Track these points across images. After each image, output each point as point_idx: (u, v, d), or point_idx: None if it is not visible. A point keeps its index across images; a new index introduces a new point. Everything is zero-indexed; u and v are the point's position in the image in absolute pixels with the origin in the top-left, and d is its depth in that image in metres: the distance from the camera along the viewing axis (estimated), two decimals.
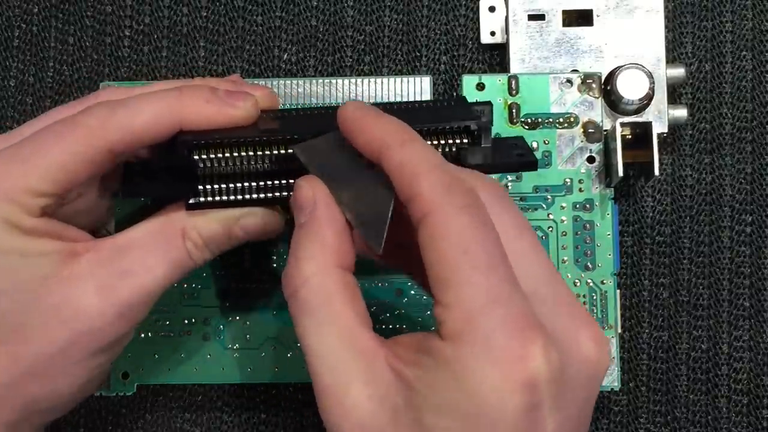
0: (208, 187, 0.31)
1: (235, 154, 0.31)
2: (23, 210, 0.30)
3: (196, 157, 0.31)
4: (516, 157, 0.33)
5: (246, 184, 0.32)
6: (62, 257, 0.30)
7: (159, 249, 0.31)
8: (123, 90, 0.33)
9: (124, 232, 0.31)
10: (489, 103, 0.32)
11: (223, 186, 0.31)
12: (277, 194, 0.32)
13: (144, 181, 0.33)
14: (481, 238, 0.26)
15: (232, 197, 0.32)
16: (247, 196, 0.32)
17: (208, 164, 0.31)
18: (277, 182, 0.32)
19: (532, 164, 0.33)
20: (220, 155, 0.31)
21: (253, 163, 0.32)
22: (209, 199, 0.31)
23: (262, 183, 0.32)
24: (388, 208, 0.28)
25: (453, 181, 0.27)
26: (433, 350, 0.26)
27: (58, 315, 0.29)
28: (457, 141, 0.32)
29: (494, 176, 0.36)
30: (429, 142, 0.32)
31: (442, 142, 0.32)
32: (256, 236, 0.32)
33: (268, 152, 0.31)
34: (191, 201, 0.31)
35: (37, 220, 0.30)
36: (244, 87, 0.33)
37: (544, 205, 0.37)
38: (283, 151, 0.31)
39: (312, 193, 0.29)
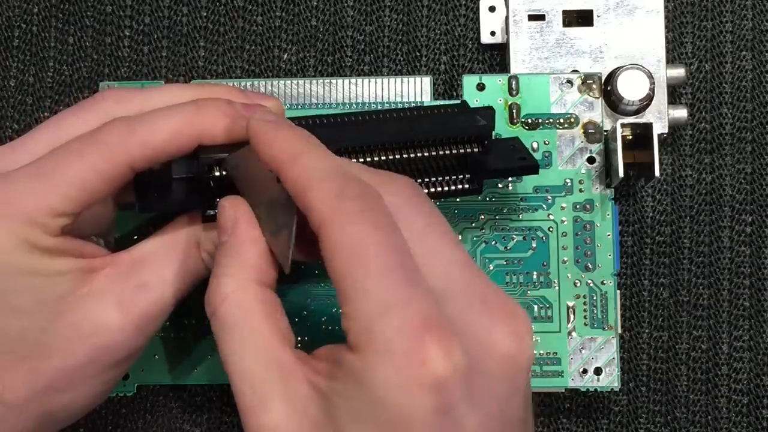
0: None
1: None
2: (44, 230, 0.30)
3: (217, 173, 0.31)
4: (518, 161, 0.33)
5: None
6: (81, 274, 0.30)
7: (175, 261, 0.31)
8: (125, 90, 0.33)
9: (139, 246, 0.31)
10: (491, 108, 0.32)
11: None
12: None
13: (160, 195, 0.32)
14: (374, 242, 0.26)
15: None
16: None
17: (220, 174, 0.31)
18: None
19: (534, 168, 0.33)
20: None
21: None
22: None
23: None
24: (291, 225, 0.28)
25: (344, 187, 0.26)
26: (343, 361, 0.26)
27: (79, 331, 0.30)
28: (468, 150, 0.32)
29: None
30: (433, 152, 0.32)
31: (447, 152, 0.32)
32: None
33: None
34: (208, 215, 0.31)
35: (57, 239, 0.30)
36: (253, 97, 0.33)
37: (544, 206, 0.37)
38: None
39: (233, 213, 0.29)
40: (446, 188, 0.33)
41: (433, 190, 0.33)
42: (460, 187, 0.33)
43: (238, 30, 0.43)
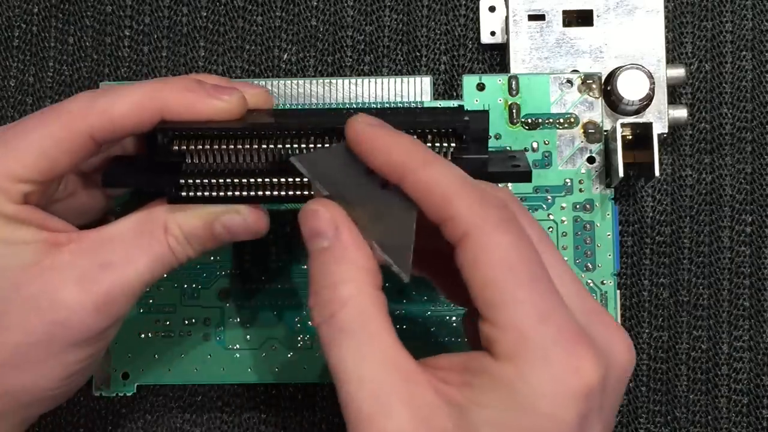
0: (191, 181, 0.31)
1: (220, 147, 0.30)
2: (4, 196, 0.29)
3: (176, 148, 0.30)
4: (510, 168, 0.32)
5: (231, 180, 0.31)
6: (44, 246, 0.30)
7: (141, 242, 0.30)
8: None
9: (108, 225, 0.31)
10: (485, 112, 0.31)
11: (206, 181, 0.31)
12: (267, 193, 0.31)
13: (126, 172, 0.32)
14: (522, 252, 0.26)
15: (215, 193, 0.31)
16: (232, 193, 0.31)
17: (192, 157, 0.31)
18: (267, 180, 0.31)
19: (526, 175, 0.32)
20: (201, 147, 0.30)
21: (241, 158, 0.31)
22: (191, 194, 0.31)
23: (250, 180, 0.31)
24: (411, 233, 0.28)
25: (485, 198, 0.27)
26: (485, 371, 0.26)
27: (37, 305, 0.29)
28: (445, 145, 0.31)
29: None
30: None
31: (429, 146, 0.31)
32: (240, 235, 0.32)
33: (256, 147, 0.31)
34: (172, 195, 0.31)
35: (20, 207, 0.30)
36: (237, 85, 0.33)
37: (544, 206, 0.37)
38: (271, 146, 0.31)
39: (331, 216, 0.28)
40: None
41: None
42: None
43: (238, 30, 0.43)
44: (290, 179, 0.31)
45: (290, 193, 0.31)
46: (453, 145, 0.31)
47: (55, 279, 0.29)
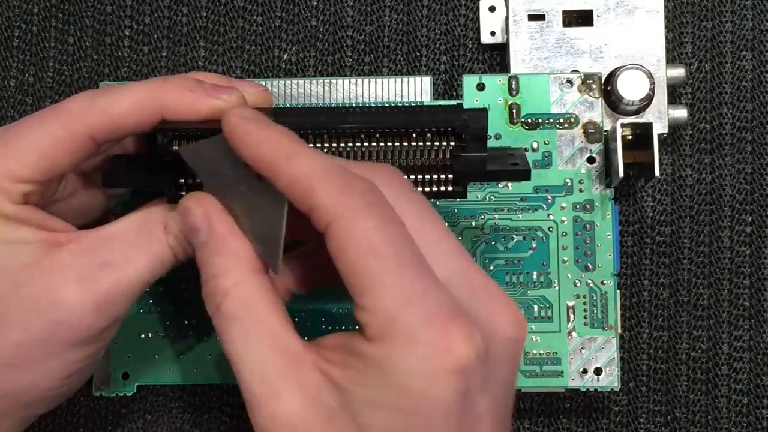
0: (191, 180, 0.31)
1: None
2: (4, 195, 0.30)
3: (176, 147, 0.30)
4: (509, 166, 0.32)
5: None
6: (44, 246, 0.30)
7: (141, 242, 0.30)
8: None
9: (108, 225, 0.31)
10: (484, 110, 0.31)
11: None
12: None
13: (125, 171, 0.32)
14: (387, 236, 0.26)
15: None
16: None
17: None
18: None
19: (525, 174, 0.32)
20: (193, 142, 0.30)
21: None
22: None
23: None
24: (281, 226, 0.28)
25: (348, 183, 0.27)
26: (359, 352, 0.26)
27: (36, 305, 0.29)
28: (444, 144, 0.31)
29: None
30: (414, 144, 0.31)
31: (428, 144, 0.31)
32: None
33: None
34: (172, 194, 0.31)
35: (19, 207, 0.30)
36: (237, 84, 0.33)
37: (544, 206, 0.37)
38: None
39: (203, 211, 0.29)
40: (425, 188, 0.32)
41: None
42: (442, 188, 0.32)
43: (238, 30, 0.43)
44: None
45: None
46: (452, 143, 0.31)
47: (54, 279, 0.29)
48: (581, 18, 0.41)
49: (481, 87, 0.38)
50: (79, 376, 0.31)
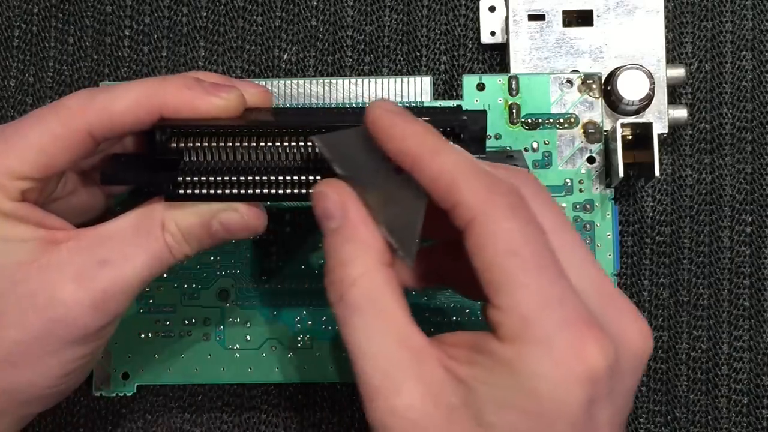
0: (189, 179, 0.31)
1: (218, 144, 0.30)
2: (2, 193, 0.30)
3: (174, 145, 0.30)
4: (504, 160, 0.32)
5: (229, 178, 0.31)
6: (42, 244, 0.30)
7: (138, 240, 0.30)
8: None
9: (106, 223, 0.31)
10: (483, 111, 0.31)
11: (204, 179, 0.31)
12: (265, 191, 0.31)
13: (124, 169, 0.32)
14: (529, 238, 0.26)
15: (213, 191, 0.31)
16: (230, 191, 0.31)
17: (190, 155, 0.31)
18: (265, 178, 0.31)
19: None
20: (199, 145, 0.30)
21: (239, 157, 0.31)
22: (189, 191, 0.31)
23: (248, 178, 0.31)
24: (419, 219, 0.28)
25: (493, 182, 0.27)
26: (490, 351, 0.26)
27: (34, 302, 0.29)
28: None
29: None
30: None
31: None
32: (237, 233, 0.31)
33: (254, 144, 0.30)
34: (170, 192, 0.31)
35: (17, 204, 0.30)
36: (237, 83, 0.33)
37: None
38: (269, 144, 0.31)
39: (339, 197, 0.29)
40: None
41: None
42: None
43: (238, 30, 0.43)
44: (288, 177, 0.31)
45: (288, 191, 0.31)
46: (451, 144, 0.31)
47: (52, 276, 0.29)
48: (581, 18, 0.41)
49: (481, 87, 0.38)
50: (78, 374, 0.31)
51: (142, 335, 0.37)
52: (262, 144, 0.31)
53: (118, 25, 0.43)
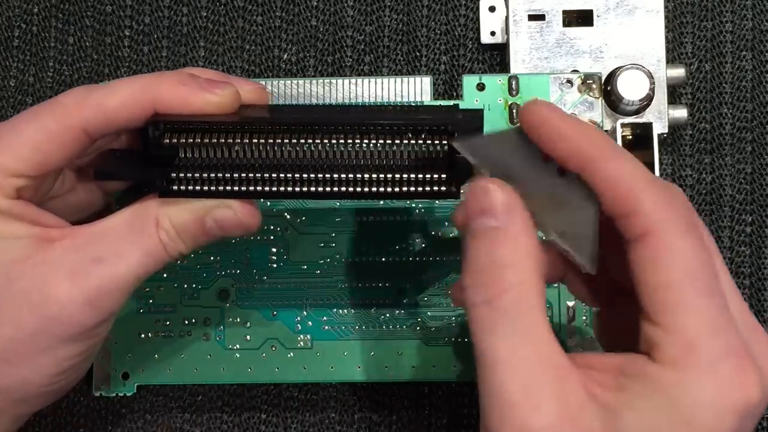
0: (182, 175, 0.30)
1: (211, 140, 0.30)
2: None
3: (167, 141, 0.30)
4: None
5: (223, 175, 0.30)
6: (37, 241, 0.30)
7: (133, 237, 0.30)
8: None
9: (101, 221, 0.31)
10: (480, 110, 0.30)
11: (198, 175, 0.30)
12: (259, 188, 0.31)
13: (118, 165, 0.32)
14: (704, 261, 0.26)
15: (207, 188, 0.31)
16: (224, 188, 0.31)
17: (185, 152, 0.31)
18: (259, 175, 0.30)
19: None
20: (193, 141, 0.30)
21: (234, 153, 0.30)
22: (183, 188, 0.30)
23: (242, 175, 0.30)
24: (594, 223, 0.27)
25: (674, 195, 0.26)
26: (645, 373, 0.25)
27: (28, 299, 0.29)
28: (438, 144, 0.30)
29: None
30: (409, 142, 0.30)
31: (423, 143, 0.30)
32: (231, 231, 0.31)
33: (247, 141, 0.30)
34: (164, 188, 0.31)
35: (12, 202, 0.30)
36: (232, 80, 0.32)
37: None
38: (263, 141, 0.30)
39: (506, 196, 0.27)
40: (416, 188, 0.31)
41: (405, 189, 0.31)
42: (435, 189, 0.31)
43: (238, 30, 0.43)
44: (283, 175, 0.30)
45: (282, 189, 0.31)
46: (446, 143, 0.31)
47: (46, 274, 0.29)
48: (581, 18, 0.41)
49: (481, 87, 0.38)
50: (73, 373, 0.31)
51: (142, 335, 0.37)
52: (256, 141, 0.30)
53: (118, 25, 0.43)
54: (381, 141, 0.31)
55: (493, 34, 0.42)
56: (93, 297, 0.29)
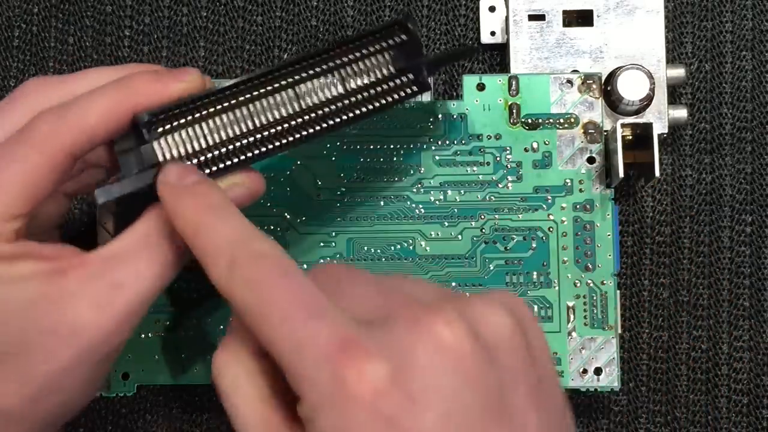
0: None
1: (193, 121, 0.31)
2: None
3: (161, 129, 0.31)
4: (453, 50, 0.34)
5: (215, 153, 0.31)
6: (47, 277, 0.29)
7: (148, 254, 0.30)
8: (51, 79, 0.32)
9: (108, 245, 0.30)
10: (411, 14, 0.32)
11: (192, 162, 0.31)
12: (256, 151, 0.32)
13: (114, 182, 0.32)
14: (269, 297, 0.26)
15: (206, 170, 0.31)
16: (222, 165, 0.31)
17: (166, 151, 0.31)
18: (250, 140, 0.31)
19: (471, 50, 0.36)
20: (176, 122, 0.31)
21: (216, 134, 0.31)
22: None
23: (229, 147, 0.31)
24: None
25: (235, 258, 0.27)
26: (302, 415, 0.26)
27: (57, 335, 0.29)
28: (386, 50, 0.33)
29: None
30: (357, 50, 0.32)
31: (371, 56, 0.33)
32: (245, 204, 0.32)
33: (230, 109, 0.32)
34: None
35: (13, 245, 0.29)
36: (168, 72, 0.32)
37: (544, 206, 0.37)
38: (243, 106, 0.32)
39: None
40: (392, 96, 0.33)
41: (380, 103, 0.33)
42: (408, 91, 0.33)
43: (238, 30, 0.43)
44: (266, 132, 0.32)
45: (277, 143, 0.32)
46: (392, 51, 0.33)
47: (68, 307, 0.29)
48: (581, 18, 0.41)
49: (481, 87, 0.38)
50: (102, 381, 0.32)
51: (142, 335, 0.37)
52: (237, 107, 0.32)
53: (118, 25, 0.43)
54: (343, 69, 0.32)
55: (493, 34, 0.42)
56: (122, 321, 0.30)
